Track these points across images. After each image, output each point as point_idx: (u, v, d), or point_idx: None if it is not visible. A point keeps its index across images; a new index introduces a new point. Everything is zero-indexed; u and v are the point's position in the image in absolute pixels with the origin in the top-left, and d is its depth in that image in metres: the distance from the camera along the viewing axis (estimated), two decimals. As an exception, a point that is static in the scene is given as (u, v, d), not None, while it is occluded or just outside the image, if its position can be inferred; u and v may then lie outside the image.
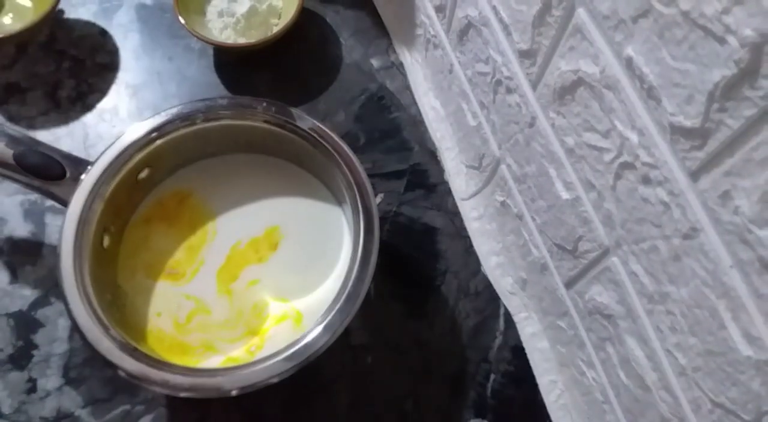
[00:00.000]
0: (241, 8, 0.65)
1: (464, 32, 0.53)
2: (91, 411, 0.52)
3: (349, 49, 0.70)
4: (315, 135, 0.51)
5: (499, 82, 0.48)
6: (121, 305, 0.50)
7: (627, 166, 0.34)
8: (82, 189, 0.49)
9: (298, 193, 0.56)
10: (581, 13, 0.34)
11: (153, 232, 0.54)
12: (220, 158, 0.57)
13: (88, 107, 0.65)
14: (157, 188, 0.56)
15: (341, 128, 0.64)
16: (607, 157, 0.36)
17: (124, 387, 0.52)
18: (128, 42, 0.69)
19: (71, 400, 0.52)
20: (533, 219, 0.49)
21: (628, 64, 0.31)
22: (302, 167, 0.56)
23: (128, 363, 0.43)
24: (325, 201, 0.56)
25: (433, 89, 0.66)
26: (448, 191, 0.62)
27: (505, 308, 0.57)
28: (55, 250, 0.47)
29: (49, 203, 0.59)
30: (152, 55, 0.69)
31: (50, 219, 0.59)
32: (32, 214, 0.59)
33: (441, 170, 0.63)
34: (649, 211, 0.33)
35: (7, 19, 0.67)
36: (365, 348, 0.55)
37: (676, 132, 0.29)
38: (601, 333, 0.43)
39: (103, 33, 0.70)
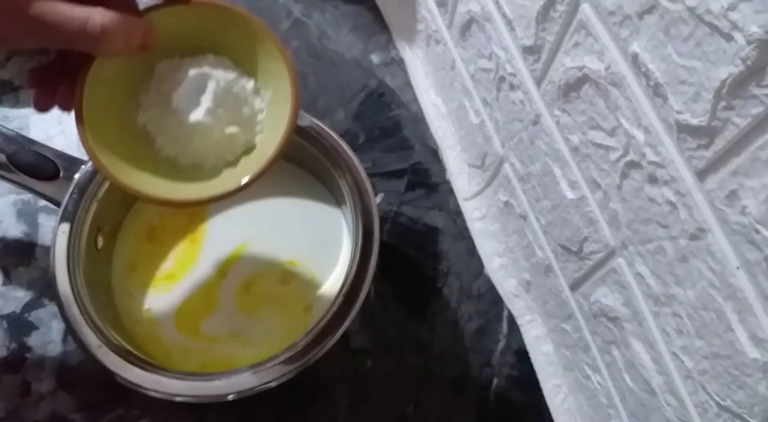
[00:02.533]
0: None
1: (466, 27, 0.53)
2: (86, 416, 0.51)
3: (348, 45, 0.69)
4: (313, 133, 0.51)
5: (502, 79, 0.48)
6: (115, 308, 0.50)
7: (633, 165, 0.34)
8: (76, 189, 0.48)
9: (296, 193, 0.55)
10: (586, 9, 0.34)
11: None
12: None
13: (84, 106, 0.65)
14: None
15: (340, 125, 0.64)
16: (613, 155, 0.36)
17: (119, 391, 0.51)
18: (125, 39, 0.69)
19: (65, 404, 0.51)
20: (537, 219, 0.49)
21: (634, 60, 0.31)
22: (300, 166, 0.56)
23: (122, 367, 0.43)
24: (324, 201, 0.55)
25: (434, 86, 0.65)
26: (450, 191, 0.62)
27: (509, 311, 0.56)
28: (48, 251, 0.47)
29: (43, 203, 0.58)
30: (149, 52, 0.68)
31: (43, 219, 0.58)
32: (25, 214, 0.59)
33: (442, 169, 0.63)
34: (656, 211, 0.33)
35: None
36: (365, 351, 0.54)
37: (683, 130, 0.29)
38: (607, 336, 0.43)
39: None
